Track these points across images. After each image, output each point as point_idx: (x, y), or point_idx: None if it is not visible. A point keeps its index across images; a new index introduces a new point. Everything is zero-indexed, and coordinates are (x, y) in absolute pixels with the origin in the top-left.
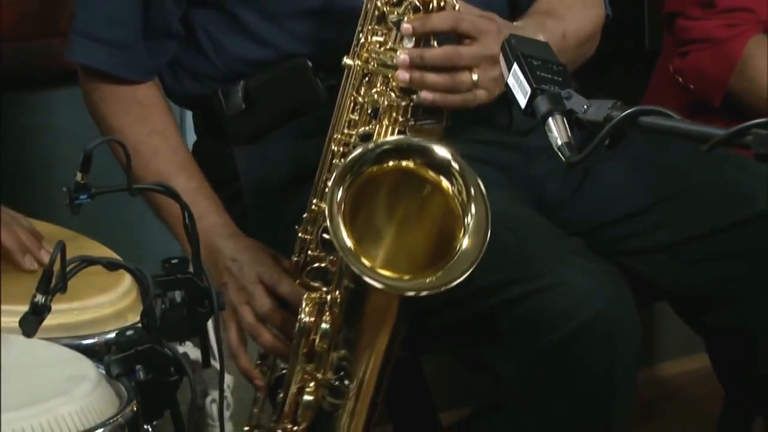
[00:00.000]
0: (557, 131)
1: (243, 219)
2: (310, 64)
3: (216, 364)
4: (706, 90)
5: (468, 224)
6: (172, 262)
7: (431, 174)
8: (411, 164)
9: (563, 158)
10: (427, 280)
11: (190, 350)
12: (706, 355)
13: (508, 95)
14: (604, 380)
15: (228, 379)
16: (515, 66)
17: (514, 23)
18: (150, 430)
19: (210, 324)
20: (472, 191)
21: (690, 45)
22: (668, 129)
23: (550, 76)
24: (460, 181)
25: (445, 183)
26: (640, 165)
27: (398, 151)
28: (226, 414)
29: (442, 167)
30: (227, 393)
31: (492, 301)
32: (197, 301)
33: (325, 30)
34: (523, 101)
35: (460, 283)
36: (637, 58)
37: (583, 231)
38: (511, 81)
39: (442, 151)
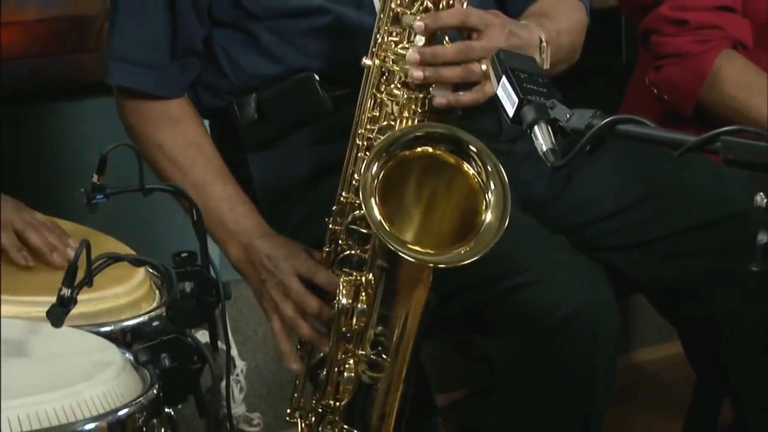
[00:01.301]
0: (542, 138)
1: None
2: (316, 77)
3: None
4: (679, 101)
5: (489, 200)
6: (182, 255)
7: (454, 157)
8: (436, 149)
9: (548, 163)
10: (460, 252)
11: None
12: (679, 342)
13: (497, 105)
14: (587, 366)
15: (241, 364)
16: (504, 78)
17: (520, 21)
18: (172, 413)
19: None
20: (490, 168)
21: (664, 59)
22: (644, 136)
23: (535, 87)
24: (479, 162)
25: (466, 165)
26: (619, 169)
27: (426, 138)
28: (240, 396)
29: (463, 151)
30: (240, 377)
31: (484, 294)
32: (206, 291)
33: (332, 46)
34: (511, 110)
35: (473, 262)
36: (615, 71)
37: (567, 230)
38: (500, 92)
39: (462, 137)
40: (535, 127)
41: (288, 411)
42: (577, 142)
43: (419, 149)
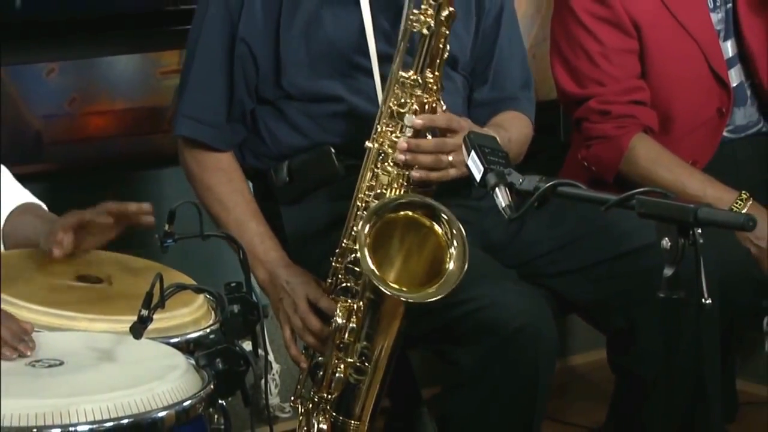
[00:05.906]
0: (502, 197)
1: (287, 255)
2: (333, 150)
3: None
4: (603, 171)
5: (452, 253)
6: (232, 285)
7: (428, 220)
8: (415, 214)
9: (506, 216)
10: (428, 292)
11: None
12: (604, 350)
13: (468, 173)
14: (531, 368)
15: (276, 366)
16: (473, 152)
17: (482, 129)
18: (224, 404)
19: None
20: (455, 231)
21: (592, 140)
22: (578, 195)
23: (496, 159)
24: (447, 225)
25: (437, 227)
26: (558, 218)
27: (409, 204)
28: (275, 390)
29: (436, 216)
30: (276, 376)
31: (451, 314)
32: (249, 311)
33: (346, 126)
34: (478, 176)
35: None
36: (555, 148)
37: (519, 264)
38: (470, 163)
39: (437, 206)
40: (496, 189)
41: (291, 398)
42: (528, 199)
43: (402, 213)
